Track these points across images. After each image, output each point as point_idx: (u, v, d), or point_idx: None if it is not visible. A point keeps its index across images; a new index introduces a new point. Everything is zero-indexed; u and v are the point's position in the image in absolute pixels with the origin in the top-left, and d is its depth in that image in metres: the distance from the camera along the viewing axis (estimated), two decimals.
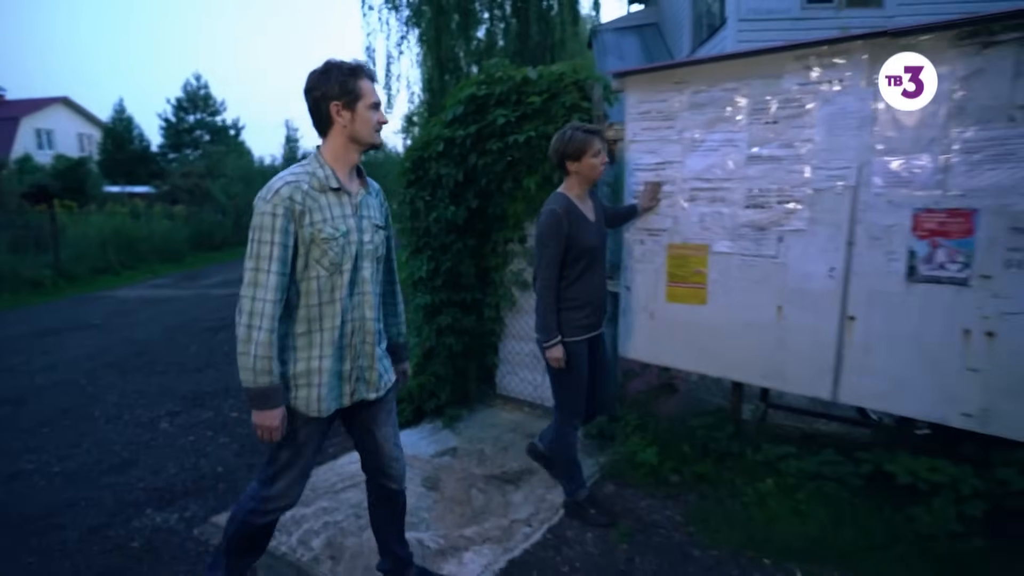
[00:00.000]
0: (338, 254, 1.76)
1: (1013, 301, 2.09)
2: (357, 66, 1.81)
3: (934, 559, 2.14)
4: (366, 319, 1.88)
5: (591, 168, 2.43)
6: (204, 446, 3.68)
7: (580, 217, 2.45)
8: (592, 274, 2.49)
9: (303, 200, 1.70)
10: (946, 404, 2.27)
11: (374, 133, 1.82)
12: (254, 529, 1.93)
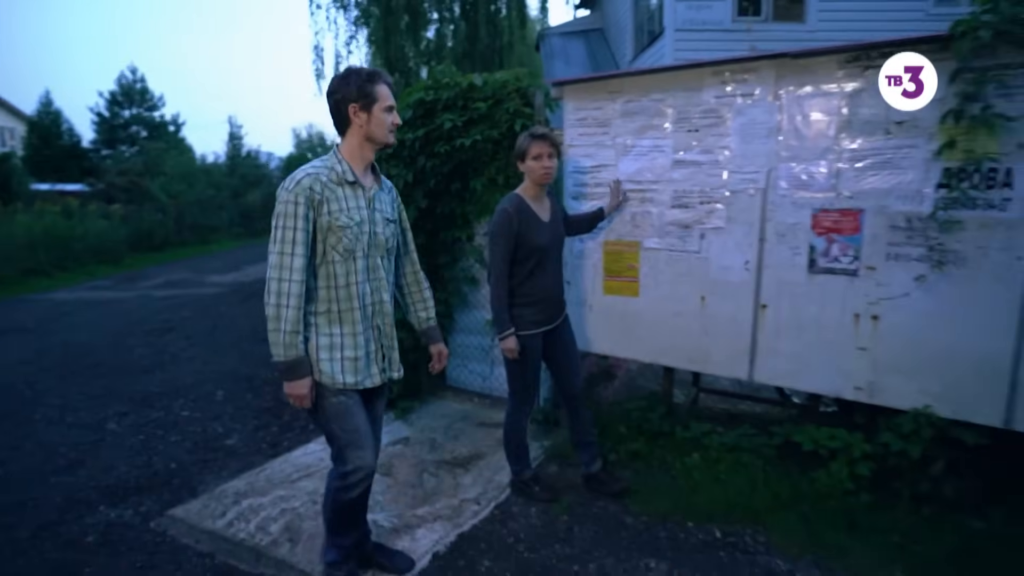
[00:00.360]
0: (352, 241, 1.92)
1: (891, 288, 2.43)
2: (374, 72, 1.99)
3: (830, 513, 2.45)
4: (384, 303, 2.05)
5: (531, 170, 2.54)
6: (155, 444, 3.69)
7: (531, 217, 2.54)
8: (543, 272, 2.58)
9: (322, 191, 1.87)
10: (841, 379, 2.59)
11: (388, 133, 1.98)
12: (345, 505, 2.09)
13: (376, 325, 2.04)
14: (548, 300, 2.63)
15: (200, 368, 5.31)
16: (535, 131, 2.57)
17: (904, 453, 2.43)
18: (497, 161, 3.50)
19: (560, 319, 2.72)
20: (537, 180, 2.56)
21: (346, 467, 2.02)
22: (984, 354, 2.28)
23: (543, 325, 2.63)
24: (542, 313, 2.62)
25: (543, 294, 2.60)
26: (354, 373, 1.97)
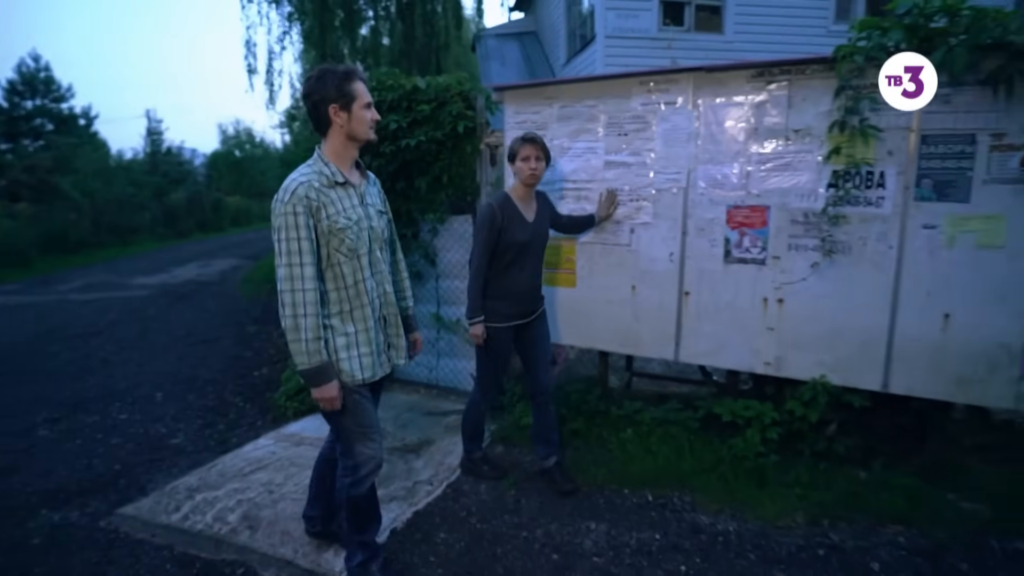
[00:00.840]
0: (354, 240, 1.95)
1: (793, 274, 2.79)
2: (350, 70, 1.97)
3: (744, 473, 2.79)
4: (387, 293, 2.12)
5: (519, 170, 2.66)
6: (95, 448, 3.61)
7: (516, 214, 2.64)
8: (520, 269, 2.67)
9: (317, 196, 1.87)
10: (753, 356, 2.94)
11: (369, 130, 1.99)
12: (360, 499, 2.10)
13: (383, 316, 2.10)
14: (522, 295, 2.71)
15: (135, 372, 5.16)
16: (526, 135, 2.66)
17: (805, 418, 2.81)
18: (441, 161, 3.67)
19: (535, 315, 2.81)
20: (524, 180, 2.66)
21: (357, 460, 2.06)
22: (865, 329, 2.68)
23: (514, 319, 2.72)
24: (514, 307, 2.70)
25: (517, 289, 2.69)
26: (371, 368, 2.02)
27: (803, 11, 7.95)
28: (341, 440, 2.09)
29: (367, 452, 2.07)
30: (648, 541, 2.43)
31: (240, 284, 10.35)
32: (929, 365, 2.59)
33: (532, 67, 10.69)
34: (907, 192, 2.56)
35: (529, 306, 2.78)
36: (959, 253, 2.50)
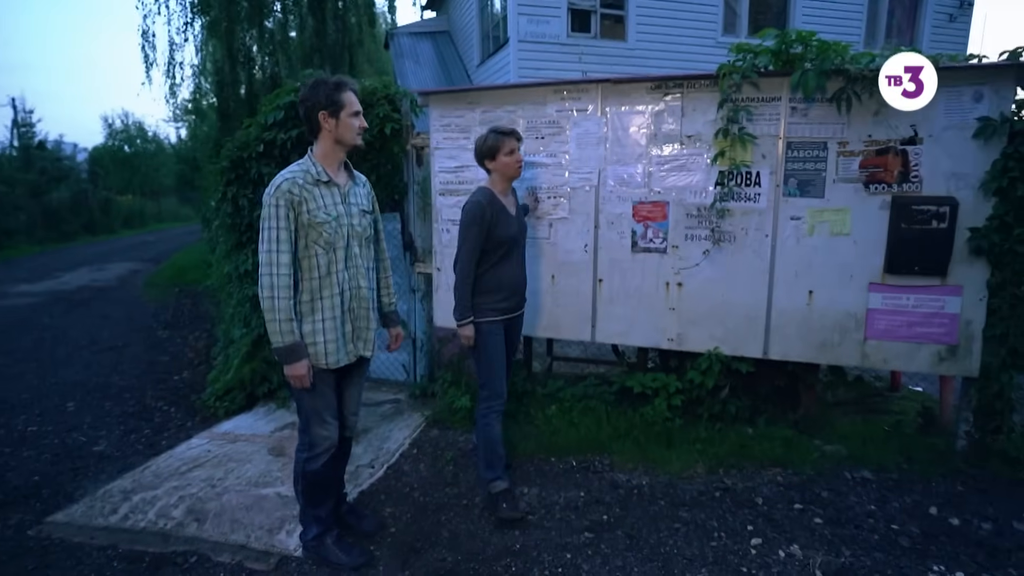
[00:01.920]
0: (331, 235, 2.11)
1: (689, 261, 3.22)
2: (341, 81, 2.17)
3: (655, 436, 3.19)
4: (360, 288, 2.24)
5: (506, 165, 2.61)
6: (5, 461, 3.44)
7: (502, 209, 2.62)
8: (510, 262, 2.65)
9: (299, 192, 2.06)
10: (658, 334, 3.35)
11: (355, 136, 2.18)
12: (315, 475, 2.26)
13: (351, 308, 2.23)
14: (513, 289, 2.69)
15: (36, 383, 4.85)
16: (500, 128, 2.63)
17: (703, 385, 3.26)
18: (369, 161, 3.80)
19: (520, 311, 2.80)
20: (512, 175, 2.65)
21: (312, 437, 2.24)
22: (748, 305, 3.16)
23: (506, 313, 2.68)
24: (506, 301, 2.66)
25: (509, 283, 2.66)
26: (335, 354, 2.18)
27: (695, 23, 8.71)
28: (301, 418, 2.29)
29: (322, 433, 2.25)
30: (574, 499, 2.76)
31: (143, 288, 9.75)
32: (798, 333, 3.11)
33: (446, 66, 10.86)
34: (778, 189, 3.05)
35: (519, 300, 2.77)
36: (818, 240, 3.02)
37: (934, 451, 3.05)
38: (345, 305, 2.21)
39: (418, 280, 3.96)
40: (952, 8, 10.07)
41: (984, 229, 2.77)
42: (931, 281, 2.89)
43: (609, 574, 2.23)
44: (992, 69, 2.69)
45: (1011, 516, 2.54)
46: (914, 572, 2.20)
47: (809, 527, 2.50)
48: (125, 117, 29.43)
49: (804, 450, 3.08)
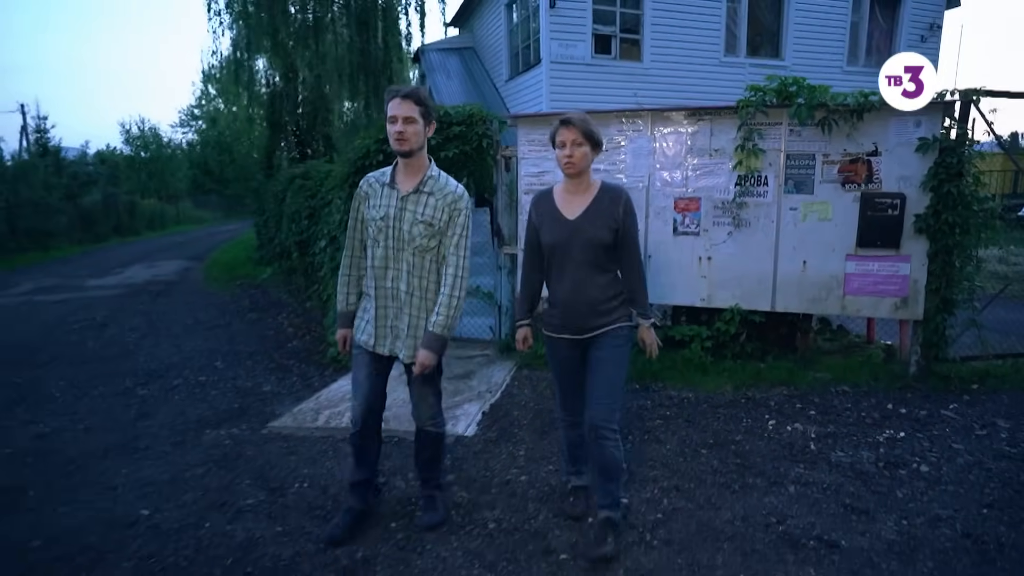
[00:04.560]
0: (376, 231, 2.29)
1: (715, 240, 4.42)
2: (390, 88, 2.30)
3: (692, 368, 4.38)
4: (400, 291, 2.30)
5: (558, 159, 2.30)
6: (204, 395, 4.52)
7: (551, 212, 2.33)
8: (557, 274, 2.33)
9: (367, 189, 2.36)
10: (692, 295, 4.54)
11: (392, 142, 2.21)
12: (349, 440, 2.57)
13: (387, 306, 2.32)
14: (564, 307, 2.31)
15: (175, 351, 5.89)
16: (563, 116, 2.28)
17: (727, 332, 4.45)
18: (468, 168, 4.97)
19: (589, 334, 2.31)
20: (563, 170, 2.31)
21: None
22: (760, 272, 4.36)
23: (562, 332, 2.35)
24: (559, 318, 2.34)
25: (556, 298, 2.35)
26: (363, 333, 2.39)
27: (701, 46, 9.97)
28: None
29: (352, 405, 2.48)
30: (645, 404, 3.93)
31: (204, 282, 10.78)
32: (796, 292, 4.31)
33: (475, 80, 12.05)
34: (780, 188, 4.25)
35: (575, 322, 2.31)
36: (809, 224, 4.23)
37: (893, 374, 4.26)
38: (381, 301, 2.33)
39: (504, 259, 5.12)
40: (923, 31, 11.41)
41: (924, 215, 3.98)
42: (889, 252, 4.10)
43: (679, 440, 3.41)
44: (926, 105, 3.91)
45: (939, 408, 3.75)
46: (873, 434, 3.40)
47: (806, 415, 3.69)
48: (141, 122, 30.33)
49: (801, 376, 4.28)
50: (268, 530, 2.61)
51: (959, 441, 3.30)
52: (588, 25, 9.36)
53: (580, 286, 2.29)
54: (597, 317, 2.30)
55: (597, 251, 2.27)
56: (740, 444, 3.32)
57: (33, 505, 2.91)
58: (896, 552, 2.32)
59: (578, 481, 2.68)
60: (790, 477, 2.93)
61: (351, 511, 2.54)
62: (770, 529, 2.50)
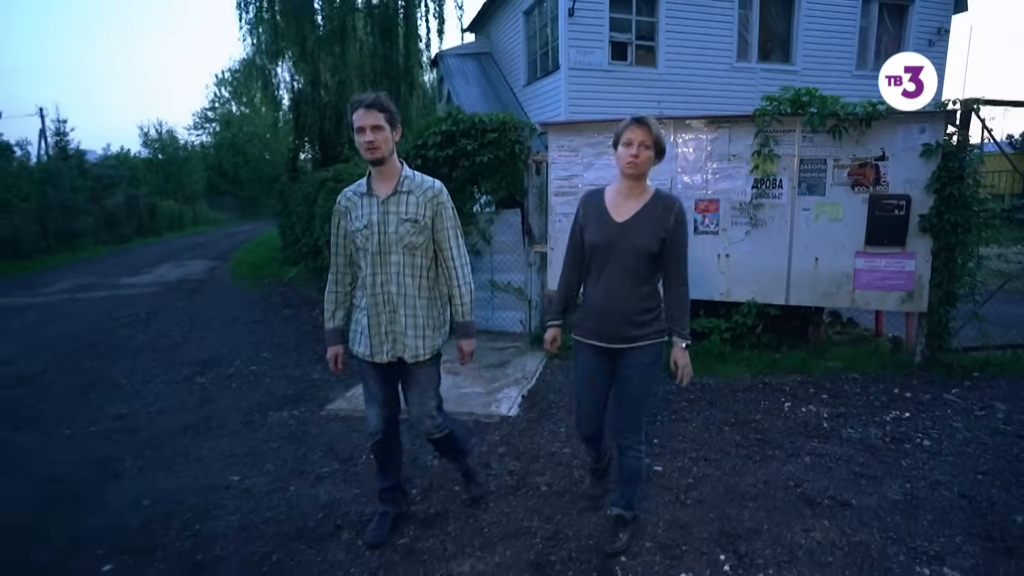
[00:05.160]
0: (363, 240, 2.30)
1: (733, 239, 4.76)
2: (353, 99, 2.28)
3: (712, 358, 4.72)
4: (390, 293, 2.32)
5: (619, 157, 2.22)
6: (260, 382, 4.91)
7: (599, 212, 2.27)
8: (595, 278, 2.27)
9: (346, 204, 2.37)
10: (712, 290, 4.89)
11: (363, 151, 2.24)
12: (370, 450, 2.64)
13: (383, 311, 2.32)
14: (595, 313, 2.27)
15: (222, 343, 6.29)
16: (636, 116, 2.22)
17: (744, 324, 4.79)
18: (501, 171, 5.33)
19: (619, 346, 2.26)
20: (622, 170, 2.23)
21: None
22: (775, 268, 4.69)
23: (591, 337, 2.30)
24: (588, 324, 2.30)
25: (591, 304, 2.28)
26: (360, 345, 2.39)
27: (714, 51, 10.30)
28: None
29: (368, 413, 2.49)
30: (668, 391, 4.27)
31: (233, 281, 11.20)
32: (809, 286, 4.64)
33: (492, 84, 12.42)
34: (794, 190, 4.59)
35: (607, 328, 2.25)
36: (821, 224, 4.56)
37: (900, 363, 4.59)
38: (377, 308, 2.34)
39: (535, 256, 5.48)
40: (931, 35, 11.67)
41: (928, 215, 4.31)
42: (895, 249, 4.43)
43: (703, 419, 3.76)
44: (930, 114, 4.24)
45: (942, 392, 4.08)
46: (881, 414, 3.74)
47: (818, 399, 4.03)
48: (159, 126, 30.95)
49: (814, 364, 4.62)
50: (347, 492, 2.98)
51: (959, 420, 3.63)
52: (605, 33, 9.71)
53: (616, 293, 2.21)
54: (630, 328, 2.22)
55: (640, 259, 2.18)
56: (759, 423, 3.67)
57: (134, 473, 3.31)
58: (900, 509, 2.67)
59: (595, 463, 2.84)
60: (805, 450, 3.28)
61: (386, 514, 2.61)
62: (789, 491, 2.85)
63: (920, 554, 2.34)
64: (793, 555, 2.36)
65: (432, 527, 2.63)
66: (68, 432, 3.95)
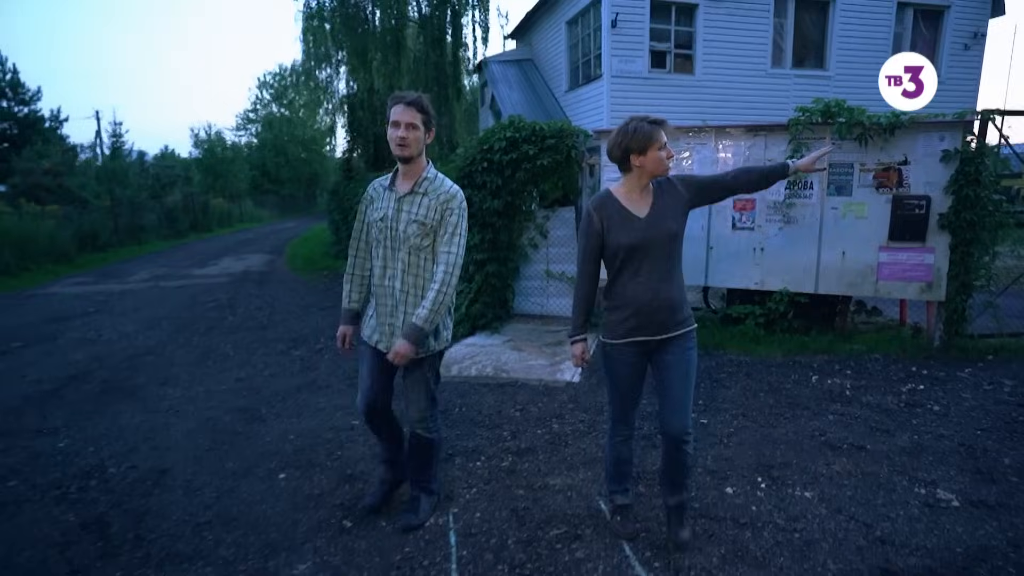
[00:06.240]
0: (378, 232, 2.41)
1: (768, 234, 5.35)
2: (394, 94, 2.35)
3: (748, 339, 5.31)
4: (396, 289, 2.39)
5: (656, 162, 2.23)
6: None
7: (621, 214, 2.27)
8: (633, 275, 2.26)
9: (372, 194, 2.49)
10: (748, 279, 5.48)
11: (393, 147, 2.30)
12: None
13: (385, 303, 2.43)
14: (639, 306, 2.25)
15: (303, 324, 7.11)
16: (653, 118, 2.26)
17: (777, 310, 5.37)
18: (558, 173, 6.00)
19: (664, 335, 2.29)
20: (659, 173, 2.28)
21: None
22: (805, 261, 5.27)
23: (633, 335, 2.29)
24: (631, 321, 2.27)
25: (630, 300, 2.26)
26: (367, 330, 2.52)
27: (749, 58, 10.79)
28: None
29: (358, 396, 2.60)
30: (709, 365, 4.88)
31: (292, 272, 12.10)
32: (836, 277, 5.21)
33: (534, 89, 13.10)
34: (824, 191, 5.15)
35: (652, 319, 2.26)
36: (848, 221, 5.12)
37: (919, 347, 5.12)
38: (380, 299, 2.46)
39: None
40: (967, 39, 11.93)
41: (946, 214, 4.83)
42: (916, 244, 4.96)
43: (741, 387, 4.37)
44: (949, 123, 4.76)
45: (956, 371, 4.61)
46: (898, 386, 4.29)
47: (843, 374, 4.60)
48: (208, 128, 32.55)
49: (840, 347, 5.18)
50: (450, 432, 3.69)
51: (968, 392, 4.17)
52: (645, 42, 10.30)
53: (660, 284, 2.24)
54: (675, 314, 2.28)
55: (674, 243, 2.28)
56: (790, 391, 4.27)
57: (271, 418, 4.08)
58: (907, 452, 3.26)
59: (623, 500, 2.58)
60: (830, 411, 3.87)
61: (385, 483, 2.78)
62: (814, 439, 3.46)
63: (919, 481, 2.94)
64: (816, 479, 2.98)
65: (526, 456, 3.32)
66: (203, 389, 4.76)
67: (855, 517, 2.63)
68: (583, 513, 2.73)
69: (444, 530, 2.63)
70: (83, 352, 6.01)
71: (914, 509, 2.69)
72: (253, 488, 3.07)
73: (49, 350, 6.13)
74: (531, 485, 3.00)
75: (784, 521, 2.62)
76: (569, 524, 2.64)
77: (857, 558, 2.34)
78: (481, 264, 6.23)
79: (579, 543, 2.50)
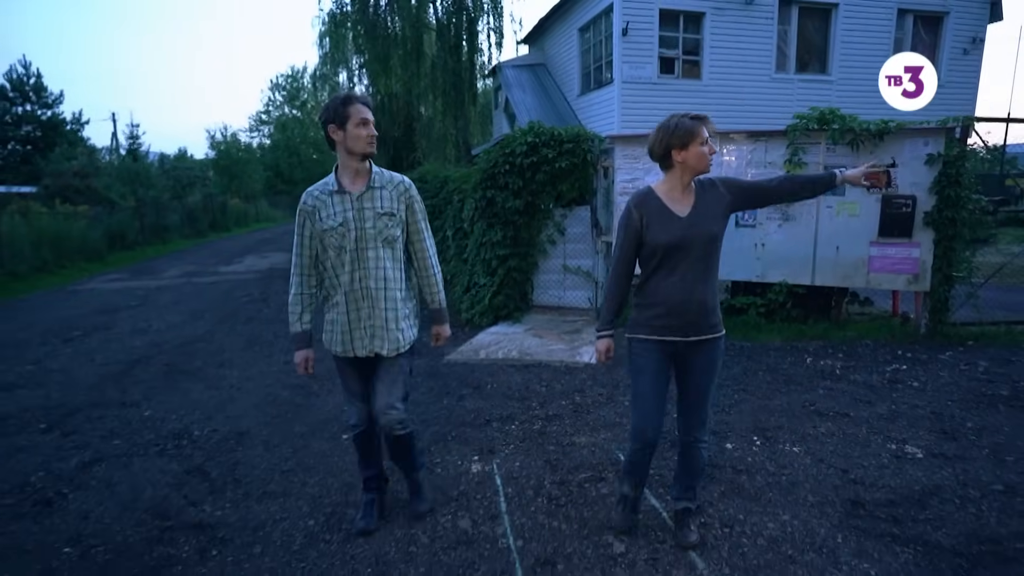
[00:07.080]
0: (339, 239, 2.29)
1: (768, 231, 5.84)
2: (349, 95, 2.27)
3: (749, 328, 5.81)
4: (369, 288, 2.33)
5: (699, 158, 2.22)
6: None
7: (662, 212, 2.25)
8: (668, 274, 2.24)
9: (313, 203, 2.33)
10: (750, 272, 5.98)
11: (364, 144, 2.25)
12: (352, 441, 2.66)
13: (359, 307, 2.34)
14: (670, 307, 2.25)
15: None
16: (694, 114, 2.26)
17: (776, 300, 5.87)
18: (575, 174, 6.51)
19: (694, 338, 2.28)
20: (701, 170, 2.27)
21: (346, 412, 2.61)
22: (803, 255, 5.76)
23: (661, 334, 2.28)
24: (661, 320, 2.26)
25: (663, 299, 2.25)
26: (340, 344, 2.40)
27: (753, 64, 11.26)
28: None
29: (350, 409, 2.54)
30: None
31: None
32: (831, 270, 5.69)
33: (547, 93, 13.61)
34: None
35: (683, 320, 2.26)
36: (842, 219, 5.61)
37: (907, 333, 5.60)
38: (355, 304, 2.35)
39: (601, 245, 6.65)
40: (966, 44, 12.35)
41: (930, 212, 5.31)
42: (903, 240, 5.44)
43: (742, 368, 4.87)
44: (933, 130, 5.24)
45: (937, 354, 5.09)
46: (883, 367, 4.78)
47: (835, 356, 5.09)
48: (224, 130, 33.30)
49: (834, 333, 5.66)
50: (485, 403, 4.22)
51: (945, 372, 4.66)
52: (655, 49, 10.80)
53: (695, 284, 2.23)
54: (707, 316, 2.28)
55: (714, 244, 2.27)
56: (785, 370, 4.77)
57: (324, 394, 4.62)
58: (885, 418, 3.75)
59: (629, 491, 2.55)
60: (820, 386, 4.37)
61: (372, 502, 2.69)
62: (804, 408, 3.96)
63: (891, 439, 3.44)
64: (803, 438, 3.48)
65: (554, 421, 3.85)
66: (256, 370, 5.31)
67: (834, 465, 3.14)
68: (605, 461, 3.26)
69: (490, 475, 3.15)
70: (139, 340, 6.58)
71: (884, 459, 3.19)
72: (322, 445, 3.61)
73: (107, 338, 6.71)
74: (560, 442, 3.53)
75: (774, 468, 3.13)
76: (594, 470, 3.17)
77: (832, 493, 2.85)
78: (504, 259, 6.74)
79: (603, 483, 3.02)
